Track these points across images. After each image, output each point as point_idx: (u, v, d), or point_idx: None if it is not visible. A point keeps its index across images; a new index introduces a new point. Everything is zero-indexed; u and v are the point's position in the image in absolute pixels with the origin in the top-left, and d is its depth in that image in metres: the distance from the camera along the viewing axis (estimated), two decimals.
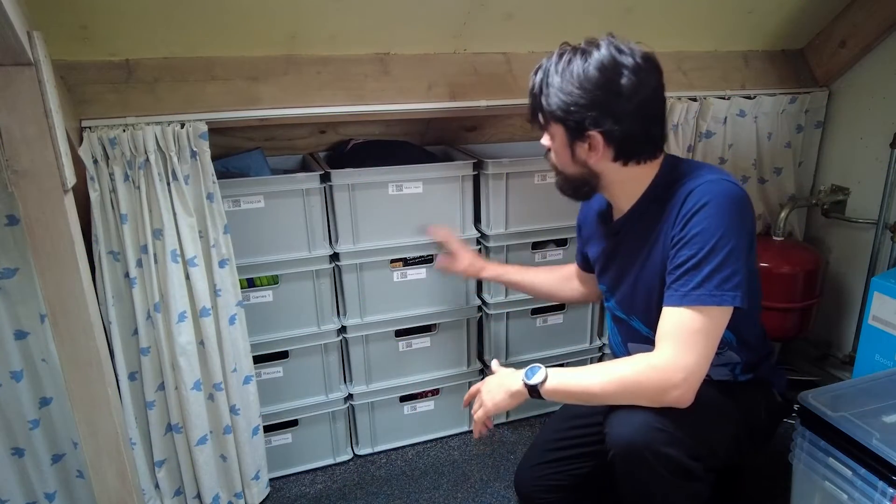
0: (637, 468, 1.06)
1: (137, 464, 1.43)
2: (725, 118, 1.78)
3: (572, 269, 1.52)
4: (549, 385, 1.10)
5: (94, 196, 1.27)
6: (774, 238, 1.87)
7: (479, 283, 1.76)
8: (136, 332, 1.38)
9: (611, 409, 1.10)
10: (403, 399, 1.76)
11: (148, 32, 1.26)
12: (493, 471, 1.68)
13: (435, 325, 1.73)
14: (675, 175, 1.12)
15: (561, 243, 1.78)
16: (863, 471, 1.10)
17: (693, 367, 1.00)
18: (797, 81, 1.89)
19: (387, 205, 1.57)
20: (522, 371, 1.14)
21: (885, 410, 1.19)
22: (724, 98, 1.76)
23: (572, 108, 1.04)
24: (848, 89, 1.88)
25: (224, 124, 1.37)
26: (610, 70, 1.02)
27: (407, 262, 1.64)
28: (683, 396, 1.01)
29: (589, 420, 1.32)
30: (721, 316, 1.02)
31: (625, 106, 1.03)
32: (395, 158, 1.59)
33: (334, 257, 1.57)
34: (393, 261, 1.62)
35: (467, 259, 1.54)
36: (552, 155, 1.16)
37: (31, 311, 1.27)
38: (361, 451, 1.76)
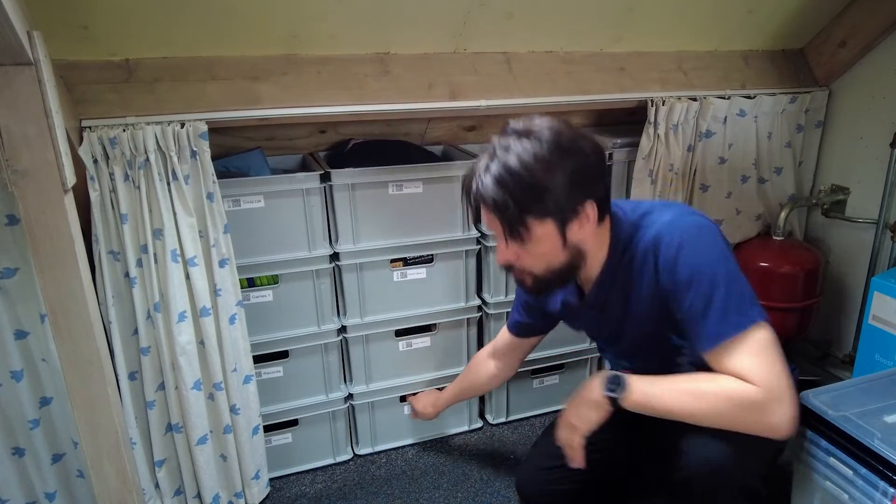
0: (718, 492, 1.05)
1: (137, 463, 1.43)
2: (725, 118, 1.78)
3: (482, 354, 1.55)
4: (634, 398, 1.04)
5: (94, 196, 1.27)
6: (774, 238, 1.87)
7: (480, 283, 1.76)
8: (136, 331, 1.38)
9: (687, 430, 1.04)
10: (404, 399, 1.75)
11: (148, 32, 1.26)
12: (493, 471, 1.68)
13: (435, 324, 1.73)
14: (627, 227, 1.10)
15: None
16: (864, 470, 1.10)
17: (776, 390, 0.95)
18: (797, 81, 1.89)
19: (387, 205, 1.56)
20: (601, 379, 1.08)
21: (885, 410, 1.19)
22: (724, 98, 1.76)
23: (562, 195, 0.99)
24: (848, 89, 1.88)
25: (224, 124, 1.37)
26: (561, 137, 0.98)
27: (407, 262, 1.64)
28: (784, 420, 0.96)
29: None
30: (759, 334, 0.99)
31: (592, 159, 1.02)
32: (396, 158, 1.59)
33: (334, 257, 1.57)
34: (393, 261, 1.62)
35: (429, 410, 1.64)
36: (526, 262, 1.06)
37: (31, 311, 1.27)
38: (362, 451, 1.76)
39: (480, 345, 1.82)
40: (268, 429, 1.61)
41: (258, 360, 1.55)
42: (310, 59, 1.44)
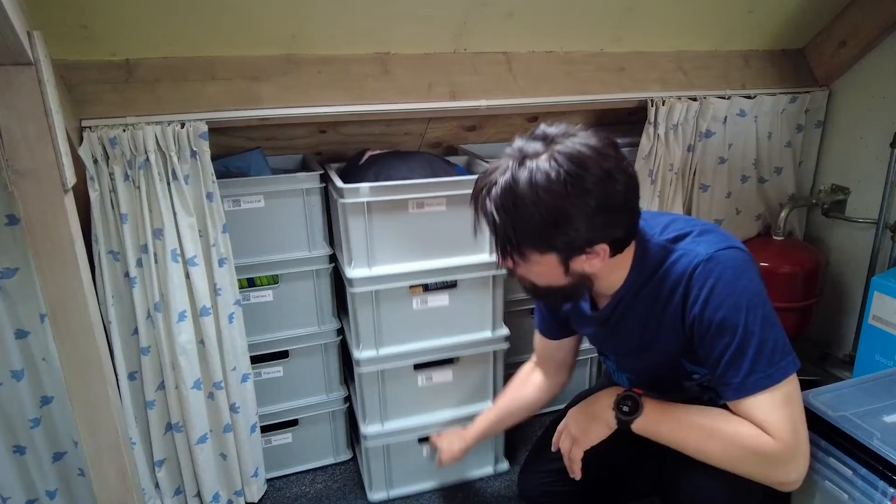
0: None
1: (137, 463, 1.44)
2: (725, 118, 1.78)
3: (526, 367, 1.40)
4: (646, 423, 1.03)
5: (94, 196, 1.28)
6: (774, 238, 1.87)
7: (507, 311, 1.62)
8: (136, 331, 1.38)
9: (688, 462, 1.00)
10: (423, 440, 1.59)
11: (148, 32, 1.26)
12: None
13: (457, 357, 1.57)
14: (654, 250, 1.02)
15: None
16: (863, 470, 1.09)
17: (793, 448, 0.92)
18: (797, 81, 1.89)
19: (406, 225, 1.42)
20: (614, 398, 1.06)
21: (885, 410, 1.18)
22: (724, 98, 1.76)
23: (572, 236, 0.89)
24: (848, 89, 1.88)
25: (224, 124, 1.37)
26: (587, 169, 0.86)
27: (427, 288, 1.48)
28: (795, 479, 0.93)
29: None
30: (786, 387, 0.94)
31: (619, 198, 0.90)
32: (416, 172, 1.45)
33: (332, 258, 1.57)
34: (412, 286, 1.47)
35: (455, 447, 1.39)
36: (525, 273, 0.98)
37: (31, 311, 1.27)
38: (374, 498, 1.59)
39: (508, 379, 1.51)
40: (268, 429, 1.61)
41: (258, 359, 1.55)
42: (310, 59, 1.44)
